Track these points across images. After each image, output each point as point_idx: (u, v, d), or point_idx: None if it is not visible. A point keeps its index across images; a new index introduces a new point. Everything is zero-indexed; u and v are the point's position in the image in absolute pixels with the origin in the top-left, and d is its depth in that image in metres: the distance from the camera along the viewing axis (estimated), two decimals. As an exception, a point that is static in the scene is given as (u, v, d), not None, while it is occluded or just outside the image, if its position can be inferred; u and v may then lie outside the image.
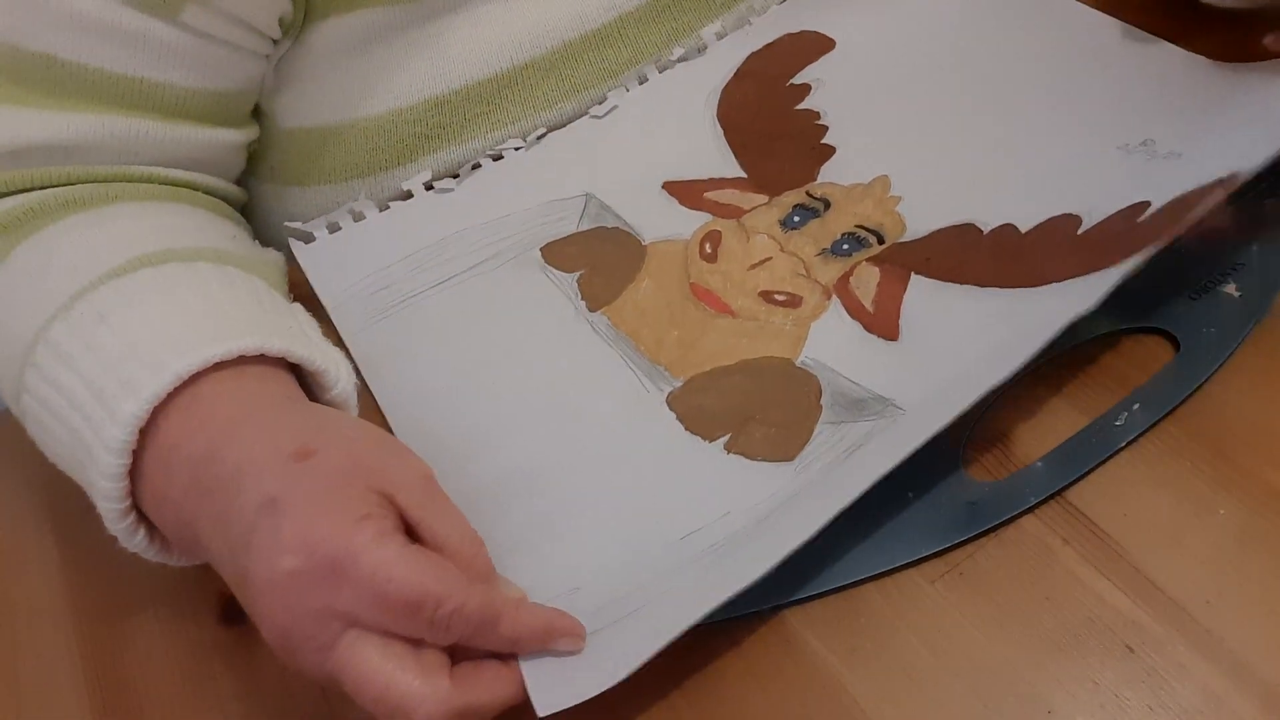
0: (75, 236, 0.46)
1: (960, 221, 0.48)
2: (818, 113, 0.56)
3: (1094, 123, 0.51)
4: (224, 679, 0.41)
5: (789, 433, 0.42)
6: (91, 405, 0.39)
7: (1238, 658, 0.34)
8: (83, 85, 0.47)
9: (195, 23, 0.47)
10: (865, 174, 0.52)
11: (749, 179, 0.54)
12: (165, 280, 0.44)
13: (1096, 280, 0.41)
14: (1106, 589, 0.37)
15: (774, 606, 0.38)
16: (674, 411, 0.44)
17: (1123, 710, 0.34)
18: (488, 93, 0.56)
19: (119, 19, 0.46)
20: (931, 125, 0.54)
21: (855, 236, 0.49)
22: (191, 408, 0.39)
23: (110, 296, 0.42)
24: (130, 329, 0.41)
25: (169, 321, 0.42)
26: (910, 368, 0.43)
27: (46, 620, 0.45)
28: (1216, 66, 0.51)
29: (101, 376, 0.40)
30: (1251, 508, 0.38)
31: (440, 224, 0.54)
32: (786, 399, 0.44)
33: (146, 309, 0.42)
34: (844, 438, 0.41)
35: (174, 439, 0.39)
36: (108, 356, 0.40)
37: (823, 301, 0.47)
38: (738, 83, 0.59)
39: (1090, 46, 0.54)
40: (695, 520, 0.40)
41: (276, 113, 0.56)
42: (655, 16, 0.58)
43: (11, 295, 0.45)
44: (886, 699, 0.36)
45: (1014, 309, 0.44)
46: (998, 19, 0.58)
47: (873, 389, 0.43)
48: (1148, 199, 0.45)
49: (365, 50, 0.54)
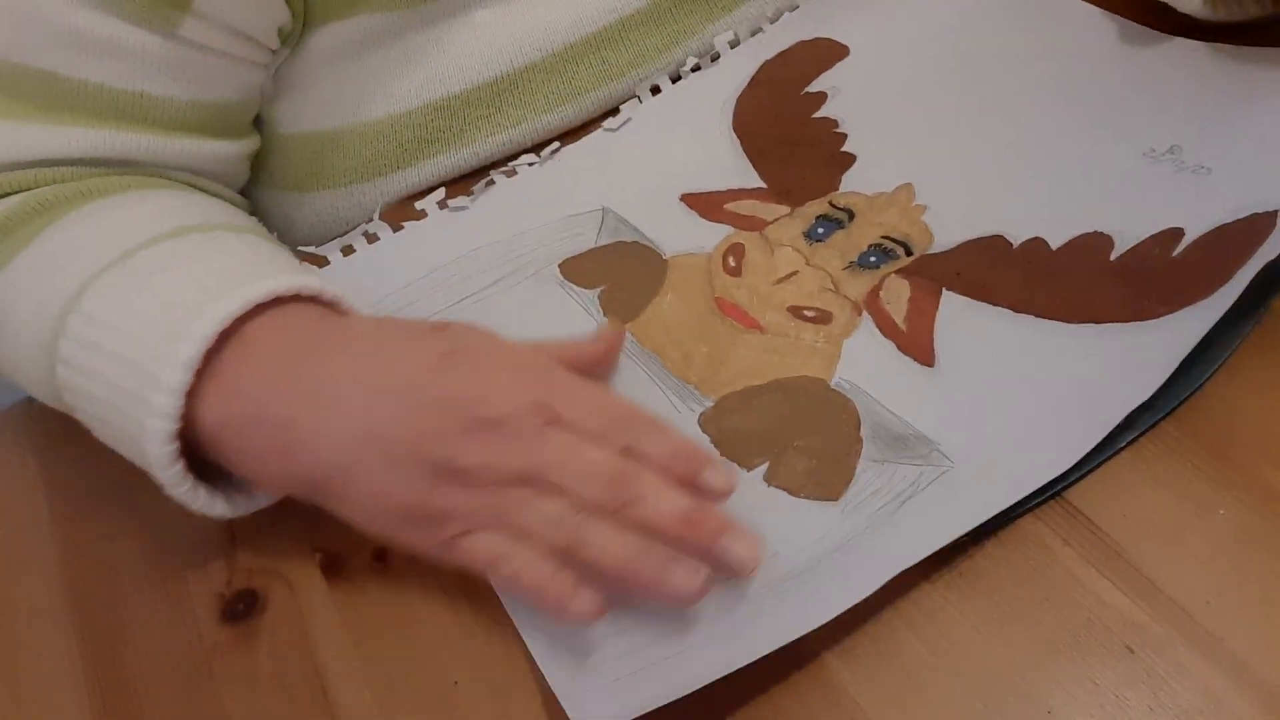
0: (99, 219, 0.46)
1: (988, 233, 0.48)
2: (835, 120, 0.56)
3: (1116, 125, 0.50)
4: (224, 679, 0.41)
5: (832, 468, 0.41)
6: (140, 354, 0.40)
7: (1238, 658, 0.34)
8: (82, 100, 0.47)
9: (194, 36, 0.47)
10: (887, 182, 0.52)
11: (769, 189, 0.53)
12: (193, 247, 0.45)
13: (1142, 337, 0.41)
14: (1106, 589, 0.37)
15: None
16: (707, 434, 0.43)
17: (1123, 710, 0.34)
18: (488, 96, 0.56)
19: (117, 34, 0.46)
20: (951, 130, 0.53)
21: (882, 248, 0.49)
22: (246, 342, 0.41)
23: (145, 263, 0.43)
24: (168, 289, 0.42)
25: (207, 277, 0.43)
26: (950, 405, 0.42)
27: (46, 620, 0.45)
28: (1238, 57, 0.51)
29: (145, 332, 0.40)
30: (1251, 508, 0.38)
31: (456, 243, 0.54)
32: (825, 425, 0.43)
33: (185, 268, 0.43)
34: (890, 482, 0.40)
35: (237, 365, 0.40)
36: (149, 314, 0.41)
37: (853, 318, 0.46)
38: (752, 91, 0.58)
39: (1106, 46, 0.54)
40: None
41: (276, 119, 0.56)
42: (656, 19, 0.58)
43: (34, 279, 0.45)
44: (886, 699, 0.36)
45: (1051, 349, 0.43)
46: (1012, 21, 0.57)
47: (914, 425, 0.42)
48: (1181, 225, 0.45)
49: (363, 55, 0.53)
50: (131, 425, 0.40)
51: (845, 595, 0.36)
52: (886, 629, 0.37)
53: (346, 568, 0.43)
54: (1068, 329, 0.43)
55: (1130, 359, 0.41)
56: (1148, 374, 0.40)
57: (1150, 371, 0.40)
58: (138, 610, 0.44)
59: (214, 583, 0.44)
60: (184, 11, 0.46)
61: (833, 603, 0.36)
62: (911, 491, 0.40)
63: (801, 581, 0.38)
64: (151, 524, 0.47)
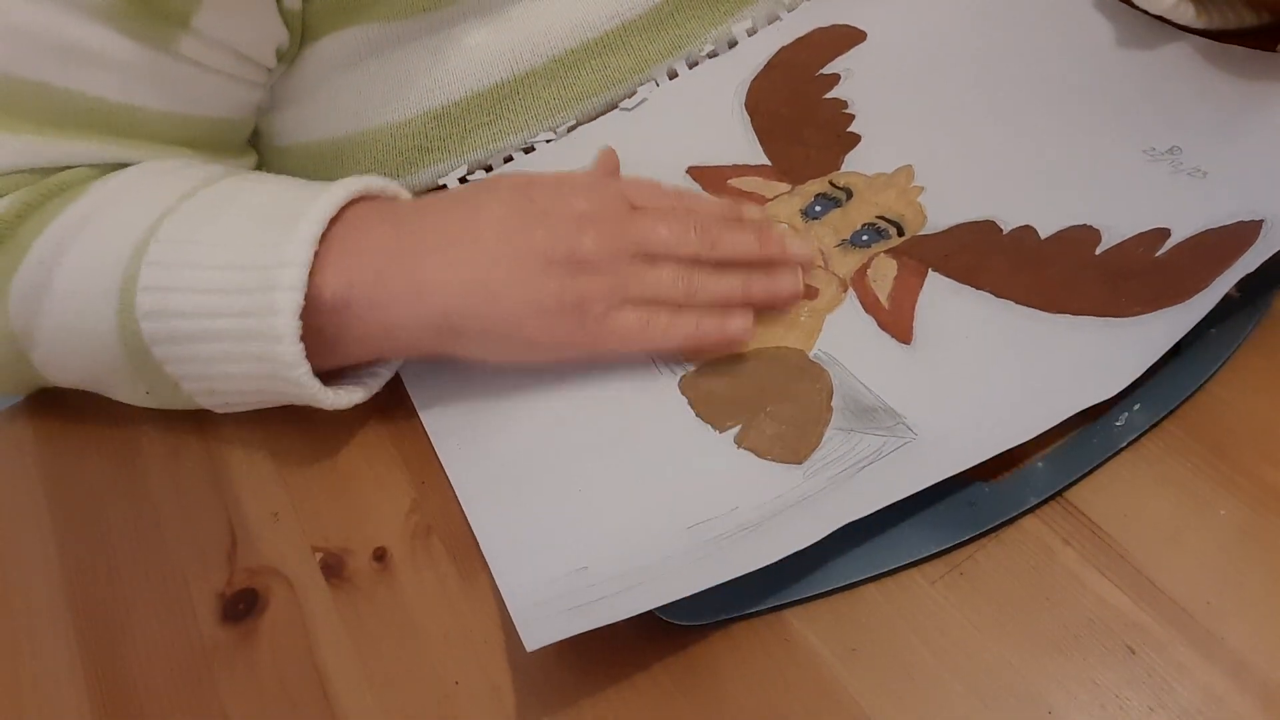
0: (131, 181, 0.47)
1: (981, 217, 0.48)
2: (845, 101, 0.56)
3: (1122, 120, 0.50)
4: (224, 679, 0.41)
5: (799, 433, 0.42)
6: (245, 254, 0.42)
7: (1238, 658, 0.34)
8: (79, 113, 0.47)
9: (192, 53, 0.47)
10: (890, 163, 0.52)
11: (773, 166, 0.54)
12: (250, 181, 0.48)
13: (1115, 334, 0.41)
14: (1107, 589, 0.37)
15: (774, 606, 0.39)
16: (686, 396, 0.45)
17: (1123, 710, 0.34)
18: (488, 103, 0.56)
19: (116, 49, 0.46)
20: (958, 116, 0.54)
21: (875, 227, 0.49)
22: (350, 224, 0.44)
23: (211, 198, 0.46)
24: (251, 206, 0.45)
25: (284, 192, 0.46)
26: (921, 381, 0.43)
27: (46, 620, 0.45)
28: (1248, 61, 0.50)
29: (241, 240, 0.43)
30: (1252, 508, 0.38)
31: None
32: (798, 394, 0.44)
33: (255, 191, 0.46)
34: (853, 449, 0.41)
35: (351, 237, 0.44)
36: (238, 229, 0.44)
37: (839, 294, 0.47)
38: (767, 74, 0.59)
39: (1120, 41, 0.54)
40: (703, 511, 0.41)
41: (274, 131, 0.56)
42: (657, 24, 0.58)
43: (79, 257, 0.45)
44: (886, 699, 0.36)
45: (1027, 336, 0.43)
46: (1029, 12, 0.58)
47: (883, 398, 0.43)
48: (1168, 225, 0.45)
49: (362, 66, 0.53)
50: (252, 323, 0.42)
51: (799, 538, 0.37)
52: (887, 628, 0.37)
53: (346, 568, 0.43)
54: (1044, 317, 0.44)
55: (1100, 354, 0.41)
56: (1115, 372, 0.40)
57: (1118, 370, 0.40)
58: (138, 610, 0.44)
59: (214, 583, 0.44)
60: (183, 29, 0.46)
61: (786, 544, 0.37)
62: (873, 459, 0.41)
63: (759, 529, 0.39)
64: (151, 524, 0.47)
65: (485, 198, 0.46)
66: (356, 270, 0.43)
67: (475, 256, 0.44)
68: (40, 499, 0.49)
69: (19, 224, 0.46)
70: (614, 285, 0.44)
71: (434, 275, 0.43)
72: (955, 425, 0.41)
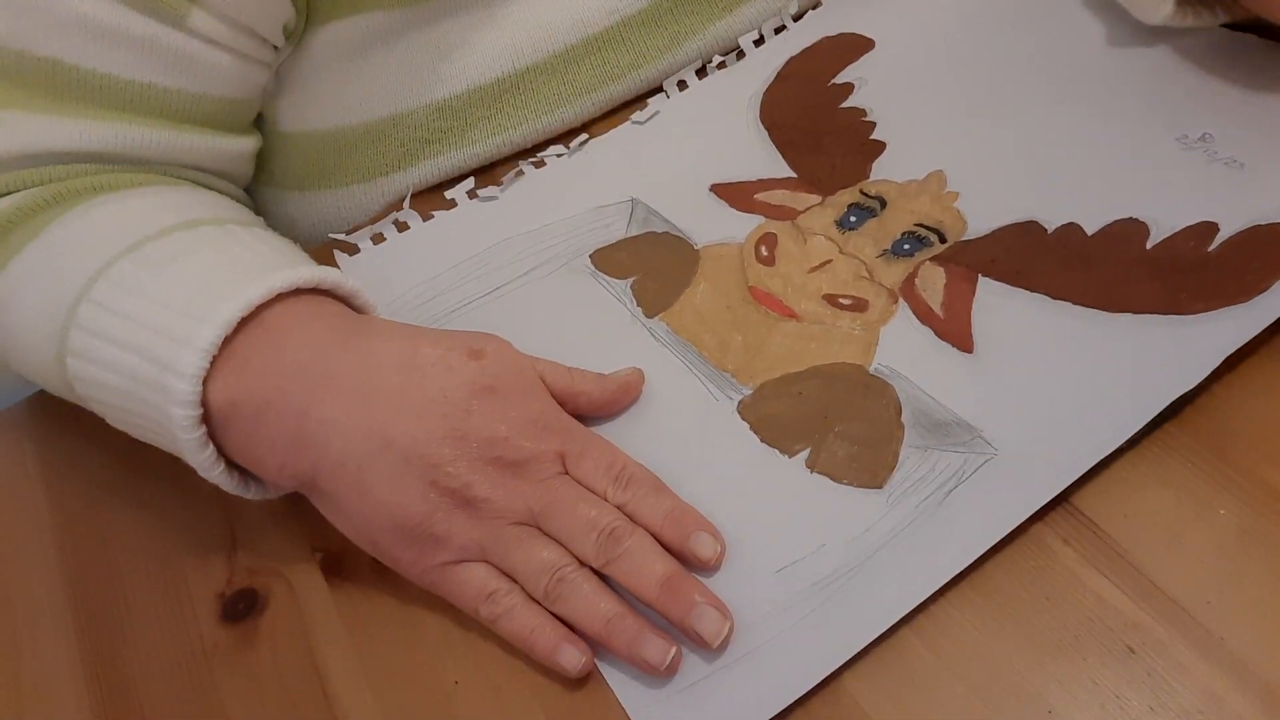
0: (108, 210, 0.47)
1: (1023, 219, 0.48)
2: (863, 109, 0.56)
3: (1148, 109, 0.50)
4: (224, 679, 0.41)
5: (873, 454, 0.41)
6: (157, 343, 0.40)
7: (1238, 658, 0.34)
8: (91, 91, 0.47)
9: (201, 29, 0.48)
10: (918, 169, 0.52)
11: (799, 178, 0.53)
12: (207, 237, 0.45)
13: (1181, 332, 0.41)
14: (1107, 589, 0.37)
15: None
16: (746, 421, 0.43)
17: (1123, 710, 0.34)
18: (489, 97, 0.56)
19: (126, 24, 0.46)
20: (981, 116, 0.53)
21: (916, 235, 0.48)
22: (269, 331, 0.41)
23: (158, 252, 0.43)
24: (185, 276, 0.42)
25: (224, 265, 0.43)
26: (990, 391, 0.42)
27: (46, 620, 0.45)
28: (1268, 48, 0.50)
29: (160, 316, 0.40)
30: (1252, 508, 0.38)
31: (485, 232, 0.54)
32: (865, 411, 0.42)
33: (200, 256, 0.43)
34: (933, 469, 0.40)
35: (255, 349, 0.40)
36: (166, 300, 0.41)
37: (890, 305, 0.46)
38: (779, 85, 0.58)
39: (1134, 30, 0.54)
40: (789, 551, 0.39)
41: (277, 117, 0.56)
42: (657, 20, 0.58)
43: (42, 270, 0.45)
44: (886, 699, 0.36)
45: (1091, 338, 0.42)
46: (1031, 11, 0.57)
47: (955, 412, 0.42)
48: (1215, 219, 0.45)
49: (365, 55, 0.54)
50: (152, 411, 0.40)
51: (903, 598, 0.37)
52: (886, 629, 0.37)
53: (346, 568, 0.43)
54: (1106, 317, 0.43)
55: (1168, 354, 0.41)
56: (1189, 367, 0.40)
57: (1191, 365, 0.40)
58: (138, 610, 0.44)
59: (214, 583, 0.44)
60: (191, 3, 0.47)
61: (890, 608, 0.37)
62: (956, 481, 0.40)
63: (851, 578, 0.38)
64: (151, 524, 0.47)
65: (430, 377, 0.40)
66: (243, 389, 0.40)
67: (366, 430, 0.39)
68: (40, 499, 0.49)
69: (11, 230, 0.47)
70: (480, 541, 0.39)
71: (315, 430, 0.39)
72: (1033, 437, 0.40)
